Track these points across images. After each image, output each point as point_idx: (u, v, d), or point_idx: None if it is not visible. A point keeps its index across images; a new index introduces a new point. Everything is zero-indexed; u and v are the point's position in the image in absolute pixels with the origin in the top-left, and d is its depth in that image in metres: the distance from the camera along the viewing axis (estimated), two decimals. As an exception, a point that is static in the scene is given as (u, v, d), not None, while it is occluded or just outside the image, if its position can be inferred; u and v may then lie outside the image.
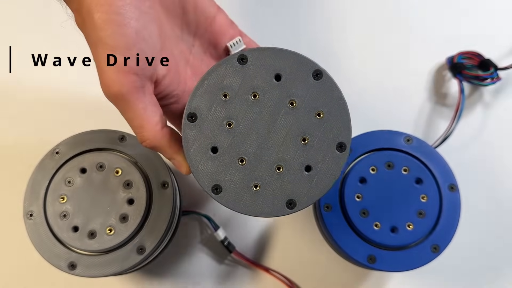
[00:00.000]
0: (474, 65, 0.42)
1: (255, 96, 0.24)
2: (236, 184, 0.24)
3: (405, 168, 0.33)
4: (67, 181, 0.31)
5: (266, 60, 0.24)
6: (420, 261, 0.31)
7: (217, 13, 0.28)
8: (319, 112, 0.24)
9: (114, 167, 0.31)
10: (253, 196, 0.24)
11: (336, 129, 0.24)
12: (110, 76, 0.22)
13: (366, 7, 0.46)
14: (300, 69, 0.24)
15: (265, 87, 0.24)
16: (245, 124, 0.24)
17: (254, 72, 0.24)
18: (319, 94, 0.24)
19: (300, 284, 0.39)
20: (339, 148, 0.24)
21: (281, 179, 0.24)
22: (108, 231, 0.30)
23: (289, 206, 0.24)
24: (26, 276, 0.38)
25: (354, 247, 0.32)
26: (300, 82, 0.24)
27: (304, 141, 0.24)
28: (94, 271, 0.30)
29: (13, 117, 0.42)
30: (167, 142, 0.25)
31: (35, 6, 0.45)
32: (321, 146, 0.24)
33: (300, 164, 0.24)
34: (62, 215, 0.30)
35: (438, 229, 0.32)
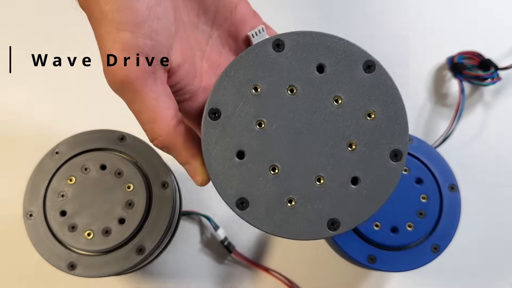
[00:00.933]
0: (474, 65, 0.42)
1: (292, 90, 0.20)
2: (266, 198, 0.20)
3: (405, 168, 0.33)
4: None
5: (307, 48, 0.20)
6: (421, 261, 0.31)
7: (239, 0, 0.24)
8: (369, 112, 0.20)
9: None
10: (287, 213, 0.20)
11: (390, 133, 0.20)
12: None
13: (366, 7, 0.46)
14: (348, 59, 0.20)
15: (305, 80, 0.20)
16: (279, 124, 0.20)
17: (292, 62, 0.20)
18: (371, 90, 0.20)
19: (300, 284, 0.39)
20: (393, 157, 0.20)
21: (321, 194, 0.20)
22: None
23: (331, 227, 0.20)
24: (26, 276, 0.38)
25: (354, 247, 0.32)
26: (348, 75, 0.20)
27: (350, 147, 0.20)
28: (94, 271, 0.30)
29: (13, 117, 0.42)
30: (183, 141, 0.21)
31: (35, 6, 0.45)
32: (371, 153, 0.20)
33: (345, 176, 0.20)
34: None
35: (439, 229, 0.32)
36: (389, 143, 0.20)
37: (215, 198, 0.40)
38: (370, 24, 0.45)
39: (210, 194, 0.40)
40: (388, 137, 0.20)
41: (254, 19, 0.24)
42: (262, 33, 0.24)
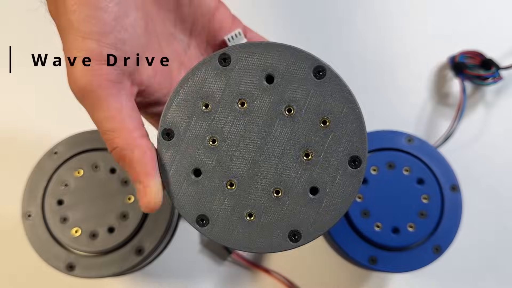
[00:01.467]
0: (476, 65, 0.42)
1: (243, 104, 0.20)
2: (225, 213, 0.20)
3: (406, 168, 0.32)
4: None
5: (254, 59, 0.19)
6: (422, 262, 0.31)
7: (217, 7, 0.23)
8: (324, 119, 0.19)
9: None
10: (248, 227, 0.20)
11: (347, 139, 0.19)
12: (78, 66, 0.18)
13: (367, 6, 0.45)
14: (297, 66, 0.19)
15: (255, 92, 0.20)
16: (233, 139, 0.20)
17: (239, 75, 0.20)
18: (323, 96, 0.19)
19: (300, 285, 0.38)
20: (352, 163, 0.19)
21: (280, 206, 0.20)
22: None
23: (292, 238, 0.20)
24: (24, 277, 0.38)
25: (355, 248, 0.32)
26: (298, 82, 0.19)
27: (307, 157, 0.20)
28: (93, 272, 0.30)
29: (13, 117, 0.42)
30: (141, 156, 0.19)
31: (35, 6, 0.45)
32: (329, 162, 0.19)
33: (303, 186, 0.20)
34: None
35: (440, 230, 0.31)
36: (347, 150, 0.19)
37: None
38: (371, 24, 0.45)
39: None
40: (345, 143, 0.19)
41: (233, 25, 0.24)
42: (239, 37, 0.24)
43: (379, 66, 0.44)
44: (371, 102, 0.43)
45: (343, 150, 0.19)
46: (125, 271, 0.31)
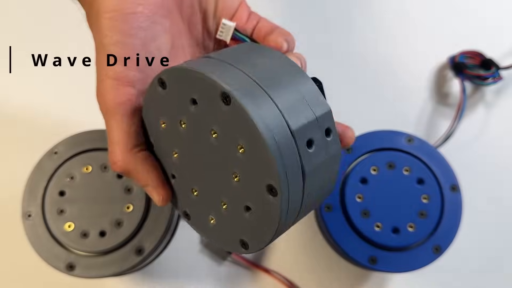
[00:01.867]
0: (475, 65, 0.42)
1: (184, 124, 0.20)
2: (196, 214, 0.22)
3: (406, 168, 0.32)
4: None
5: (182, 83, 0.19)
6: (422, 262, 0.31)
7: (236, 10, 0.25)
8: (240, 146, 0.18)
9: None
10: (214, 229, 0.22)
11: (260, 168, 0.18)
12: (106, 83, 0.21)
13: (368, 7, 0.45)
14: (209, 92, 0.18)
15: (187, 114, 0.20)
16: (184, 155, 0.21)
17: (174, 97, 0.20)
18: (233, 123, 0.18)
19: (300, 285, 0.38)
20: (270, 191, 0.18)
21: (230, 216, 0.21)
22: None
23: (243, 246, 0.21)
24: (24, 277, 0.38)
25: (355, 248, 0.32)
26: (214, 108, 0.18)
27: (235, 178, 0.19)
28: (93, 272, 0.30)
29: (13, 116, 0.42)
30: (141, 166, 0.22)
31: (35, 6, 0.45)
32: (252, 186, 0.19)
33: (240, 203, 0.20)
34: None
35: (440, 230, 0.31)
36: (262, 178, 0.18)
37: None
38: (371, 24, 0.45)
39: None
40: (259, 171, 0.18)
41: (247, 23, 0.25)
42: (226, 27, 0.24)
43: (379, 66, 0.44)
44: (371, 102, 0.43)
45: (259, 178, 0.18)
46: (125, 271, 0.31)
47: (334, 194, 0.33)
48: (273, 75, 0.19)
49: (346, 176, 0.33)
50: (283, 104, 0.18)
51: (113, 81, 0.21)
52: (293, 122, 0.18)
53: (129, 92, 0.21)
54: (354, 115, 0.42)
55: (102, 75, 0.21)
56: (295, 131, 0.18)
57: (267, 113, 0.18)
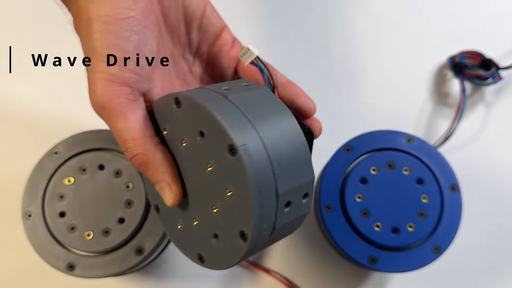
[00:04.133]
0: (475, 65, 0.42)
1: (184, 143, 0.22)
2: (166, 214, 0.25)
3: (406, 168, 0.32)
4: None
5: (196, 111, 0.21)
6: (422, 262, 0.31)
7: (222, 31, 0.26)
8: (228, 190, 0.20)
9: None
10: (178, 232, 0.24)
11: (239, 215, 0.20)
12: (101, 86, 0.21)
13: (368, 7, 0.46)
14: (218, 136, 0.20)
15: (192, 138, 0.21)
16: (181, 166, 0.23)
17: (185, 119, 0.21)
18: (231, 171, 0.20)
19: (300, 285, 0.38)
20: (241, 235, 0.20)
21: (196, 231, 0.23)
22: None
23: (200, 259, 0.23)
24: (25, 277, 0.38)
25: (355, 248, 0.32)
26: (217, 150, 0.20)
27: (215, 209, 0.21)
28: (93, 272, 0.30)
29: (13, 116, 0.42)
30: (163, 159, 0.22)
31: (35, 6, 0.45)
32: (226, 224, 0.21)
33: (210, 228, 0.22)
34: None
35: (440, 229, 0.31)
36: (238, 223, 0.20)
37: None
38: (370, 24, 0.45)
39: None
40: (238, 217, 0.20)
41: (232, 49, 0.27)
42: (248, 52, 0.26)
43: (379, 67, 0.44)
44: (371, 102, 0.43)
45: (236, 222, 0.21)
46: (125, 271, 0.31)
47: (334, 194, 0.33)
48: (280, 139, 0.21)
49: (346, 176, 0.33)
50: (279, 168, 0.20)
51: (109, 82, 0.21)
52: (281, 186, 0.20)
53: (126, 92, 0.21)
54: (354, 115, 0.43)
55: (95, 78, 0.21)
56: (280, 195, 0.20)
57: (263, 175, 0.20)
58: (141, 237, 0.30)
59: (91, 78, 0.21)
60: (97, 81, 0.21)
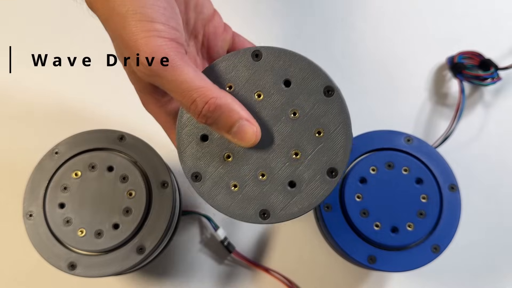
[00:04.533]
0: (474, 65, 0.42)
1: (259, 96, 0.23)
2: (216, 178, 0.23)
3: (405, 168, 0.32)
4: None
5: (280, 62, 0.23)
6: (421, 261, 0.31)
7: (214, 14, 0.27)
8: (319, 130, 0.23)
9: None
10: (229, 195, 0.23)
11: (332, 152, 0.22)
12: (153, 42, 0.20)
13: (366, 7, 0.46)
14: (312, 80, 0.22)
15: (272, 90, 0.23)
16: None
17: (264, 72, 0.23)
18: (325, 112, 0.22)
19: (300, 284, 0.39)
20: (330, 173, 0.22)
21: (261, 187, 0.23)
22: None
23: (262, 216, 0.23)
24: (26, 276, 0.38)
25: (354, 247, 0.32)
26: (309, 93, 0.23)
27: (295, 155, 0.23)
28: (94, 271, 0.30)
29: (13, 117, 0.42)
30: (234, 99, 0.22)
31: (35, 6, 0.45)
32: (311, 165, 0.23)
33: (285, 178, 0.23)
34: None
35: (439, 229, 0.32)
36: (329, 160, 0.22)
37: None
38: (370, 24, 0.45)
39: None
40: (329, 155, 0.22)
41: (225, 31, 0.27)
42: None
43: (378, 67, 0.44)
44: (371, 102, 0.43)
45: (326, 160, 0.23)
46: (126, 270, 0.31)
47: (333, 194, 0.33)
48: None
49: (346, 176, 0.33)
50: None
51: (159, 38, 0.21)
52: None
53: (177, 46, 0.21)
54: (353, 115, 0.43)
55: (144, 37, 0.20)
56: None
57: None
58: (142, 236, 0.30)
59: (138, 39, 0.21)
60: (148, 40, 0.20)
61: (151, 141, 0.33)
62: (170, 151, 0.39)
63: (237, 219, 0.24)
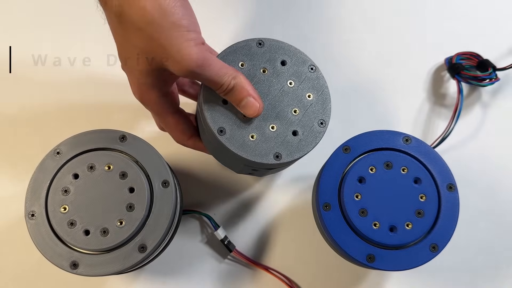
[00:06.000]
0: (472, 66, 0.42)
1: (265, 71, 0.32)
2: (237, 131, 0.31)
3: (403, 168, 0.33)
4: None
5: (277, 49, 0.32)
6: (419, 260, 0.32)
7: None
8: (309, 95, 0.32)
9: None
10: (250, 144, 0.31)
11: (320, 109, 0.32)
12: (194, 50, 0.27)
13: (365, 8, 0.46)
14: (300, 61, 0.32)
15: (273, 67, 0.32)
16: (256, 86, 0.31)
17: (267, 55, 0.32)
18: (312, 82, 0.32)
19: (299, 283, 0.39)
20: (320, 124, 0.32)
21: (272, 136, 0.31)
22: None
23: (276, 158, 0.31)
24: (29, 276, 0.38)
25: (353, 246, 0.32)
26: (299, 70, 0.32)
27: (295, 112, 0.32)
28: (96, 270, 0.30)
29: (14, 117, 0.42)
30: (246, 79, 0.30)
31: (35, 6, 0.45)
32: (307, 119, 0.32)
33: (289, 128, 0.31)
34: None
35: (437, 228, 0.32)
36: (318, 115, 0.32)
37: (215, 198, 0.40)
38: (369, 24, 0.45)
39: (210, 193, 0.40)
40: (318, 111, 0.32)
41: None
42: None
43: (377, 67, 0.44)
44: (370, 102, 0.43)
45: (317, 115, 0.32)
46: (128, 268, 0.31)
47: (332, 193, 0.33)
48: None
49: (344, 175, 0.33)
50: None
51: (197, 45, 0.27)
52: None
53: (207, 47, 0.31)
54: (352, 115, 0.43)
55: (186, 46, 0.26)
56: None
57: None
58: (143, 235, 0.31)
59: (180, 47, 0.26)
60: (190, 48, 0.27)
61: (152, 140, 0.33)
62: (170, 151, 0.39)
63: (255, 160, 0.30)
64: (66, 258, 0.30)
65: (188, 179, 0.40)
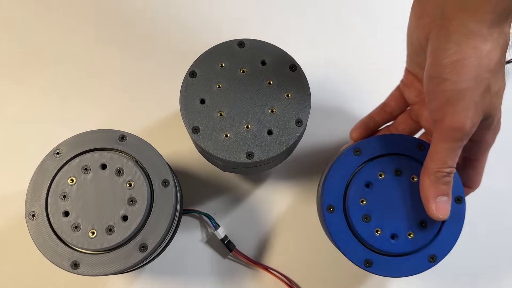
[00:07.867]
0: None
1: (244, 71, 0.32)
2: (211, 130, 0.31)
3: (413, 176, 0.32)
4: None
5: (258, 49, 0.32)
6: (416, 269, 0.31)
7: None
8: (288, 94, 0.32)
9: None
10: (223, 142, 0.31)
11: (298, 108, 0.32)
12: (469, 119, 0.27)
13: (366, 6, 0.44)
14: (281, 60, 0.32)
15: (253, 67, 0.32)
16: (231, 89, 0.32)
17: (247, 55, 0.32)
18: (292, 81, 0.32)
19: (299, 283, 0.39)
20: (297, 123, 0.32)
21: (247, 135, 0.31)
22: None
23: (248, 156, 0.31)
24: (29, 276, 0.39)
25: (352, 250, 0.32)
26: (279, 70, 0.32)
27: (272, 112, 0.32)
28: (97, 270, 0.30)
29: (14, 117, 0.41)
30: None
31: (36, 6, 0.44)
32: (284, 118, 0.32)
33: (264, 127, 0.31)
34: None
35: (439, 239, 0.31)
36: (296, 114, 0.32)
37: (215, 197, 0.40)
38: (369, 24, 0.44)
39: (210, 193, 0.40)
40: (296, 110, 0.32)
41: None
42: None
43: (377, 68, 0.42)
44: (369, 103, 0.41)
45: (294, 114, 0.32)
46: (128, 268, 0.31)
47: (338, 196, 0.32)
48: None
49: (352, 178, 0.32)
50: None
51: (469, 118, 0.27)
52: None
53: None
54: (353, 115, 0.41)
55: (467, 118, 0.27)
56: None
57: None
58: (144, 234, 0.31)
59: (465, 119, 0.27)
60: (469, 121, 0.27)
61: (152, 140, 0.33)
62: (170, 151, 0.39)
63: (227, 159, 0.31)
64: (67, 258, 0.30)
65: (188, 179, 0.40)
